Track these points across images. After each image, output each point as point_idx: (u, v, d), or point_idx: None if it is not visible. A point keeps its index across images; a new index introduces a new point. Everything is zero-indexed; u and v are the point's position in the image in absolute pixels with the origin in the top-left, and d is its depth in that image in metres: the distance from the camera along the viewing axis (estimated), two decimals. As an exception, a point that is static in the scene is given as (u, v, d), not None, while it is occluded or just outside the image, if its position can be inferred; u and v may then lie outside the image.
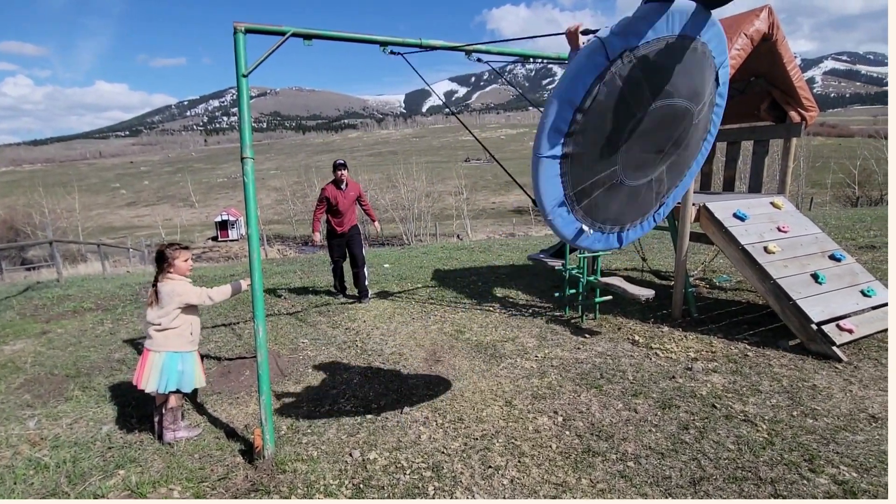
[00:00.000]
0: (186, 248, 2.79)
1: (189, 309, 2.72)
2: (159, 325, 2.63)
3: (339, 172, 5.42)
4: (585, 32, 2.12)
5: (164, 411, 2.68)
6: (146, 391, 2.63)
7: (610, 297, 4.41)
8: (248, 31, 2.40)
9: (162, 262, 2.68)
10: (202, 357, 2.97)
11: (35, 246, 20.46)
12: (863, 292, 3.81)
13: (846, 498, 2.07)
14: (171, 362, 2.64)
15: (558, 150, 2.01)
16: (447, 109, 3.65)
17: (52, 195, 33.24)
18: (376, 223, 5.90)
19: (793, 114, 4.63)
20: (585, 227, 2.25)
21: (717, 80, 2.36)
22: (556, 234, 2.27)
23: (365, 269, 5.52)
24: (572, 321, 4.50)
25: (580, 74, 1.93)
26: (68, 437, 2.79)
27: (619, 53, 1.94)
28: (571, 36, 2.11)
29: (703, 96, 2.27)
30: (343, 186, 5.45)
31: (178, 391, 2.70)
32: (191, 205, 62.30)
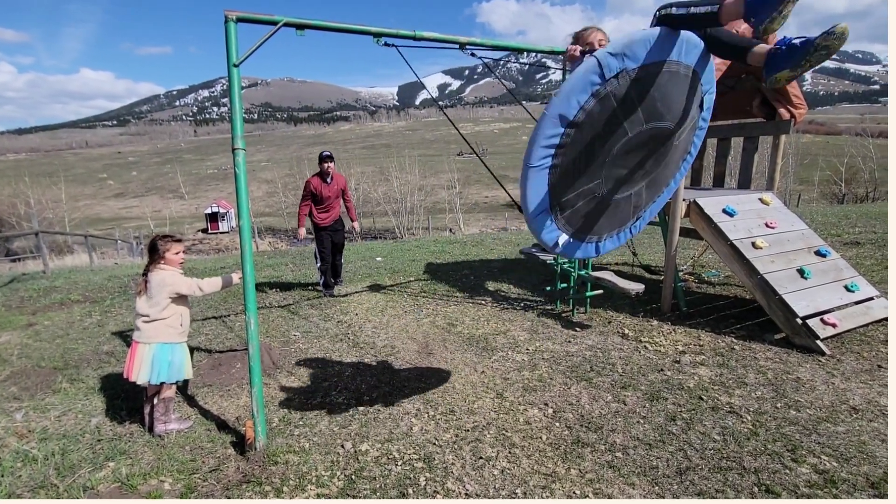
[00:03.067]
0: (179, 240, 2.76)
1: (180, 300, 2.71)
2: (148, 316, 2.62)
3: (326, 165, 5.34)
4: (583, 53, 2.18)
5: (155, 402, 2.67)
6: (138, 383, 2.62)
7: (600, 292, 4.45)
8: (239, 19, 2.37)
9: (153, 253, 2.68)
10: (191, 350, 2.96)
11: (20, 237, 20.09)
12: (847, 287, 3.89)
13: (826, 486, 2.12)
14: (161, 353, 2.63)
15: (548, 162, 2.06)
16: (440, 104, 3.64)
17: (37, 185, 32.58)
18: (355, 223, 5.79)
19: (782, 111, 4.68)
20: (565, 236, 2.32)
21: (701, 105, 2.44)
22: (537, 240, 2.32)
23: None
24: (563, 315, 4.54)
25: (574, 91, 1.97)
26: (57, 430, 2.77)
27: (615, 73, 1.98)
28: (570, 57, 2.22)
29: (688, 119, 2.35)
30: (328, 180, 5.40)
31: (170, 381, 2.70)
32: (180, 196, 61.47)
